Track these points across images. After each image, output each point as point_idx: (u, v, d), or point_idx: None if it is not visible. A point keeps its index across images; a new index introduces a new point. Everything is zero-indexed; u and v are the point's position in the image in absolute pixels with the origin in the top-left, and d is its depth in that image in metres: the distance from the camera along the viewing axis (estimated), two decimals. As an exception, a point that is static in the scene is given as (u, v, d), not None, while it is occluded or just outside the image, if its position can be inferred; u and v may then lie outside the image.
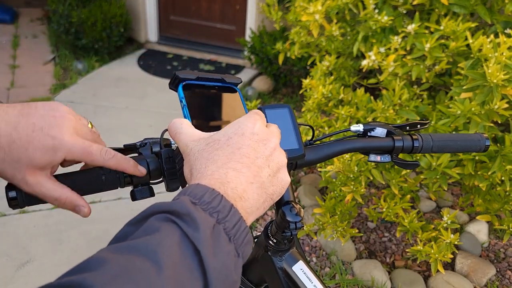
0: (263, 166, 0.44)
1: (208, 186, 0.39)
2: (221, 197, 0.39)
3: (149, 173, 0.57)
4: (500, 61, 1.25)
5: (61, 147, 0.48)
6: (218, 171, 0.42)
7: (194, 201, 0.38)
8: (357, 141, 0.68)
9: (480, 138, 0.73)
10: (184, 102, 0.51)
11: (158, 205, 0.37)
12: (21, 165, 0.46)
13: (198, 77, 0.53)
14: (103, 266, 0.31)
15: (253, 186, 0.42)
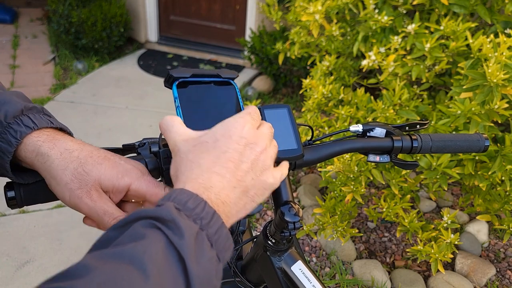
0: (248, 170, 0.44)
1: (192, 191, 0.40)
2: (205, 203, 0.39)
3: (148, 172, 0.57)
4: (500, 61, 1.25)
5: (130, 173, 0.50)
6: (202, 175, 0.42)
7: (178, 207, 0.38)
8: (356, 141, 0.68)
9: (480, 138, 0.72)
10: (178, 103, 0.51)
11: (143, 211, 0.37)
12: (90, 178, 0.48)
13: (193, 74, 0.53)
14: (89, 274, 0.30)
15: (235, 190, 0.43)
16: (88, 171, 0.48)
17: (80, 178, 0.48)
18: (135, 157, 0.58)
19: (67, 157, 0.49)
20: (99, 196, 0.49)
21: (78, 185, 0.48)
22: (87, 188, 0.48)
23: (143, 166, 0.54)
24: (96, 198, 0.48)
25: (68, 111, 3.28)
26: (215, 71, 0.55)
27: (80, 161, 0.49)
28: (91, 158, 0.49)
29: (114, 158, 0.51)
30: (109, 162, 0.50)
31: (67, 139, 0.51)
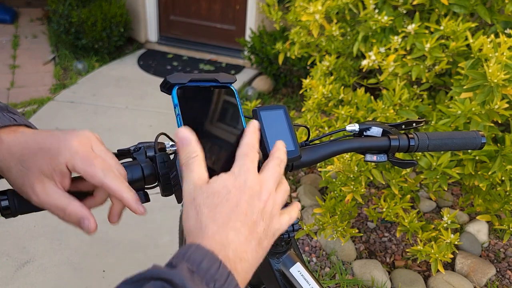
0: (258, 220, 0.45)
1: (209, 249, 0.40)
2: (220, 263, 0.39)
3: (143, 178, 0.57)
4: (500, 61, 1.25)
5: (65, 150, 0.47)
6: (219, 233, 0.42)
7: (192, 269, 0.38)
8: (353, 141, 0.67)
9: (476, 136, 0.72)
10: (178, 111, 0.50)
11: (157, 271, 0.37)
12: (30, 173, 0.46)
13: (191, 79, 0.52)
14: None
15: (251, 244, 0.43)
16: (26, 166, 0.46)
17: (21, 176, 0.46)
18: (130, 162, 0.58)
19: (9, 158, 0.47)
20: (43, 190, 0.46)
21: (21, 183, 0.47)
22: (30, 184, 0.46)
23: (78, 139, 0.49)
24: (40, 192, 0.46)
25: (68, 111, 3.28)
26: (212, 76, 0.54)
27: (18, 159, 0.47)
28: (28, 150, 0.47)
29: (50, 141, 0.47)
30: (43, 150, 0.47)
31: (7, 140, 0.48)
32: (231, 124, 0.54)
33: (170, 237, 2.14)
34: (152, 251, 2.06)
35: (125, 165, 0.57)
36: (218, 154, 0.51)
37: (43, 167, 0.46)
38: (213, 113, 0.53)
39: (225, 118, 0.54)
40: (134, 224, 2.23)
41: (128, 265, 1.97)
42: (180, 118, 0.50)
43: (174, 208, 2.29)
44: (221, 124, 0.54)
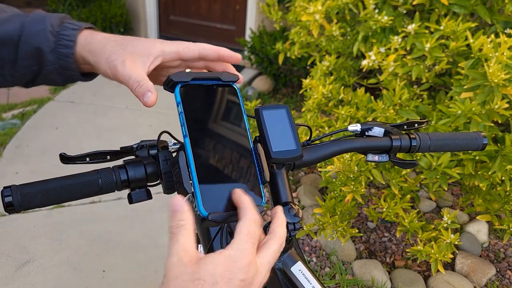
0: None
1: None
2: None
3: (146, 175, 0.57)
4: (501, 61, 1.25)
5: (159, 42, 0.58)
6: None
7: None
8: (355, 141, 0.67)
9: (478, 137, 0.73)
10: (181, 109, 0.50)
11: None
12: (125, 52, 0.56)
13: (194, 77, 0.52)
14: None
15: None
16: (124, 47, 0.57)
17: (116, 52, 0.56)
18: (133, 159, 0.58)
19: (104, 41, 0.58)
20: (131, 65, 0.55)
21: (115, 57, 0.55)
22: (121, 58, 0.55)
23: None
24: (128, 66, 0.55)
25: (68, 111, 3.28)
26: (215, 74, 0.55)
27: (116, 42, 0.57)
28: (125, 40, 0.58)
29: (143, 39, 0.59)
30: (139, 39, 0.59)
31: (101, 33, 0.60)
32: (233, 122, 0.54)
33: (170, 237, 2.13)
34: (152, 251, 2.06)
35: (127, 163, 0.57)
36: (220, 153, 0.52)
37: (139, 49, 0.57)
38: (215, 111, 0.53)
39: (228, 116, 0.54)
40: (134, 224, 2.23)
41: (128, 265, 1.97)
42: (183, 116, 0.50)
43: (174, 208, 2.29)
44: (223, 123, 0.54)
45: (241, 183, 0.51)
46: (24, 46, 0.57)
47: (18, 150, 2.80)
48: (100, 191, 0.55)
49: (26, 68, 0.59)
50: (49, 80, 0.62)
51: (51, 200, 0.53)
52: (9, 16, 0.59)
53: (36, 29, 0.57)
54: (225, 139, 0.53)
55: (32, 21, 0.58)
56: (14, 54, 0.58)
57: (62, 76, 0.61)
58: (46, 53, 0.58)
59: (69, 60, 0.58)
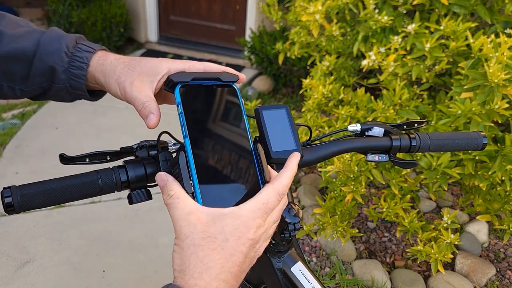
0: (249, 265, 0.46)
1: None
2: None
3: (146, 176, 0.57)
4: (501, 61, 1.25)
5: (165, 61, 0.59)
6: (211, 284, 0.43)
7: None
8: (354, 141, 0.67)
9: (478, 136, 0.73)
10: (181, 109, 0.50)
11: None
12: (134, 73, 0.57)
13: (194, 78, 0.52)
14: None
15: (234, 286, 0.45)
16: (132, 68, 0.58)
17: (126, 73, 0.58)
18: (133, 160, 0.58)
19: (116, 62, 0.59)
20: (139, 85, 0.56)
21: (124, 78, 0.57)
22: (130, 79, 0.57)
23: None
24: (136, 86, 0.56)
25: (68, 111, 3.28)
26: (215, 75, 0.55)
27: (125, 63, 0.59)
28: (134, 60, 0.60)
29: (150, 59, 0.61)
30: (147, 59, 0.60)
31: (112, 54, 0.62)
32: (233, 123, 0.54)
33: (170, 237, 2.13)
34: (152, 251, 2.06)
35: (127, 163, 0.57)
36: (220, 153, 0.52)
37: (147, 69, 0.58)
38: (215, 111, 0.53)
39: (228, 116, 0.54)
40: (134, 224, 2.23)
41: (128, 265, 1.97)
42: (183, 117, 0.50)
43: (174, 208, 2.29)
44: (223, 123, 0.54)
45: (241, 183, 0.51)
46: (38, 64, 0.59)
47: (18, 150, 2.80)
48: (100, 191, 0.55)
49: (37, 84, 0.61)
50: (57, 97, 0.64)
51: (51, 200, 0.53)
52: (25, 31, 0.60)
53: (52, 48, 0.59)
54: (225, 139, 0.53)
55: (48, 40, 0.59)
56: (27, 70, 0.60)
57: (71, 95, 0.63)
58: (58, 72, 0.59)
59: (80, 81, 0.60)
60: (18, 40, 0.59)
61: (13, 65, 0.59)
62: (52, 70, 0.59)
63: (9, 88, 0.62)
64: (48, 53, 0.59)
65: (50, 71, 0.59)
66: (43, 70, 0.59)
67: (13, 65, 0.59)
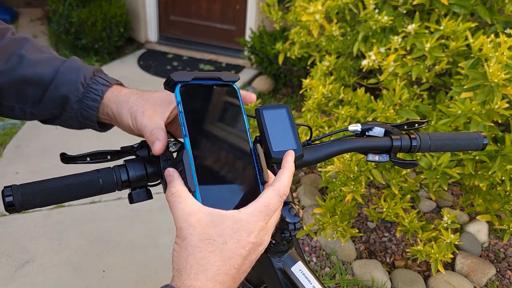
0: (247, 268, 0.46)
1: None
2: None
3: (146, 175, 0.57)
4: (500, 61, 1.25)
5: None
6: (206, 285, 0.43)
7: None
8: (355, 141, 0.67)
9: (478, 137, 0.73)
10: (181, 109, 0.50)
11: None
12: (147, 104, 0.59)
13: (195, 77, 0.52)
14: None
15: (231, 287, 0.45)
16: (145, 99, 0.60)
17: (138, 103, 0.59)
18: (133, 159, 0.58)
19: (129, 94, 0.61)
20: (151, 115, 0.58)
21: (136, 108, 0.59)
22: (142, 109, 0.58)
23: None
24: (147, 115, 0.57)
25: (68, 111, 3.29)
26: (216, 74, 0.55)
27: (139, 94, 0.61)
28: (147, 93, 0.62)
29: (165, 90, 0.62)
30: (161, 91, 0.61)
31: (126, 88, 0.65)
32: (233, 122, 0.54)
33: (170, 237, 2.14)
34: (152, 251, 2.06)
35: (128, 162, 0.57)
36: (220, 153, 0.52)
37: (159, 100, 0.60)
38: (215, 111, 0.53)
39: (228, 116, 0.54)
40: (134, 224, 2.23)
41: (128, 265, 1.97)
42: (183, 116, 0.50)
43: (174, 208, 2.29)
44: (223, 123, 0.54)
45: (241, 183, 0.51)
46: (53, 91, 0.61)
47: (18, 150, 2.80)
48: (100, 191, 0.55)
49: (49, 110, 0.63)
50: (66, 124, 0.66)
51: (52, 200, 0.53)
52: (45, 58, 0.62)
53: (69, 78, 0.61)
54: (224, 139, 0.53)
55: (67, 69, 0.61)
56: (41, 96, 0.61)
57: (80, 124, 0.65)
58: (72, 102, 0.61)
59: (92, 112, 0.62)
60: (38, 65, 0.60)
61: (28, 89, 0.61)
62: (65, 99, 0.61)
63: (20, 110, 0.63)
64: (65, 82, 0.60)
65: (64, 99, 0.61)
66: (56, 97, 0.61)
67: (28, 89, 0.61)
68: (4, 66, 0.60)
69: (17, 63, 0.60)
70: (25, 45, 0.62)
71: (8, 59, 0.60)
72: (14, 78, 0.60)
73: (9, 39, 0.62)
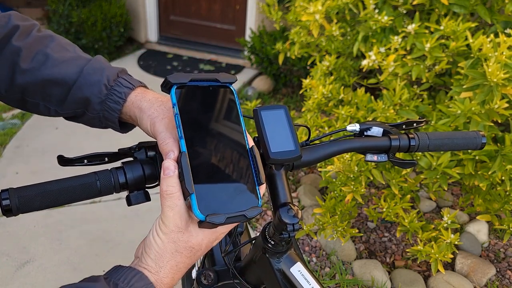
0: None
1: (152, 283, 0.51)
2: None
3: (144, 177, 0.57)
4: (500, 61, 1.25)
5: None
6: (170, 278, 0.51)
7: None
8: (353, 141, 0.67)
9: (477, 136, 0.72)
10: (177, 111, 0.50)
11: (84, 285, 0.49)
12: (168, 111, 0.59)
13: (192, 79, 0.52)
14: None
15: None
16: (168, 107, 0.59)
17: (160, 110, 0.59)
18: (131, 161, 0.58)
19: (153, 100, 0.61)
20: (169, 123, 0.57)
21: (157, 114, 0.58)
22: (162, 116, 0.58)
23: None
24: (165, 123, 0.57)
25: (68, 111, 3.28)
26: (213, 76, 0.55)
27: (162, 102, 0.60)
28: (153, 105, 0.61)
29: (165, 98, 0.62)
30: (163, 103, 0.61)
31: (151, 92, 0.64)
32: (230, 124, 0.54)
33: (170, 237, 2.13)
34: (152, 251, 2.05)
35: (125, 164, 0.57)
36: (216, 154, 0.51)
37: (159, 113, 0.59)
38: (212, 112, 0.53)
39: (224, 118, 0.54)
40: (134, 224, 2.23)
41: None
42: (178, 118, 0.50)
43: (174, 208, 2.29)
44: (219, 124, 0.54)
45: (237, 184, 0.51)
46: (77, 91, 0.61)
47: (18, 150, 2.80)
48: (98, 193, 0.55)
49: (71, 109, 0.63)
50: (89, 123, 0.66)
51: (49, 203, 0.53)
52: (70, 57, 0.62)
53: (93, 79, 0.60)
54: (221, 140, 0.53)
55: (91, 70, 0.61)
56: (64, 96, 0.61)
57: (102, 124, 0.65)
58: (94, 103, 0.61)
59: (114, 114, 0.62)
60: (62, 65, 0.60)
61: (52, 89, 0.61)
62: (88, 101, 0.61)
63: (45, 107, 0.64)
64: (88, 84, 0.60)
65: (86, 101, 0.61)
66: (79, 98, 0.61)
67: (52, 88, 0.61)
68: (29, 65, 0.60)
69: (42, 62, 0.60)
70: (50, 44, 0.62)
71: (33, 57, 0.60)
72: (39, 78, 0.60)
73: (34, 37, 0.62)
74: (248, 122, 2.74)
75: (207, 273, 0.71)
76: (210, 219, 0.47)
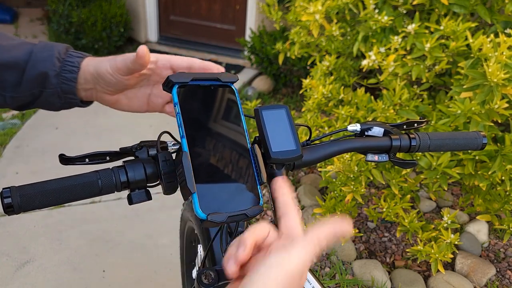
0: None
1: None
2: None
3: (146, 176, 0.57)
4: (500, 61, 1.25)
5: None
6: None
7: None
8: (354, 141, 0.67)
9: (477, 136, 0.73)
10: (178, 110, 0.50)
11: None
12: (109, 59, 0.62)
13: (193, 78, 0.52)
14: None
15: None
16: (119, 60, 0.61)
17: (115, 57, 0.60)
18: (132, 160, 0.58)
19: (104, 58, 0.62)
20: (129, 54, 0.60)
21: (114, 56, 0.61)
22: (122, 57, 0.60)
23: None
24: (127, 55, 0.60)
25: (68, 111, 3.27)
26: (214, 75, 0.55)
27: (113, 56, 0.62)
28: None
29: None
30: None
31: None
32: (231, 123, 0.54)
33: (170, 237, 2.14)
34: (152, 251, 2.06)
35: (127, 163, 0.57)
36: (218, 153, 0.52)
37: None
38: (213, 112, 0.53)
39: (225, 117, 0.54)
40: (134, 224, 2.23)
41: (128, 265, 1.97)
42: (180, 117, 0.50)
43: (174, 208, 2.29)
44: (221, 123, 0.54)
45: (238, 184, 0.51)
46: (31, 70, 0.61)
47: (18, 150, 2.80)
48: (99, 192, 0.55)
49: (28, 91, 0.63)
50: (47, 104, 0.66)
51: (51, 201, 0.53)
52: (18, 43, 0.63)
53: (44, 55, 0.62)
54: (223, 140, 0.53)
55: (40, 48, 0.62)
56: (19, 78, 0.62)
57: (61, 100, 0.65)
58: (50, 77, 0.62)
59: (71, 84, 0.63)
60: (12, 50, 0.61)
61: (5, 74, 0.61)
62: (44, 76, 0.61)
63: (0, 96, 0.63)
64: (41, 60, 0.61)
65: (42, 77, 0.62)
66: (35, 76, 0.61)
67: (5, 73, 0.61)
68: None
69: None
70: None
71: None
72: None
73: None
74: (248, 122, 2.75)
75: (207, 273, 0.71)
76: (212, 218, 0.47)
